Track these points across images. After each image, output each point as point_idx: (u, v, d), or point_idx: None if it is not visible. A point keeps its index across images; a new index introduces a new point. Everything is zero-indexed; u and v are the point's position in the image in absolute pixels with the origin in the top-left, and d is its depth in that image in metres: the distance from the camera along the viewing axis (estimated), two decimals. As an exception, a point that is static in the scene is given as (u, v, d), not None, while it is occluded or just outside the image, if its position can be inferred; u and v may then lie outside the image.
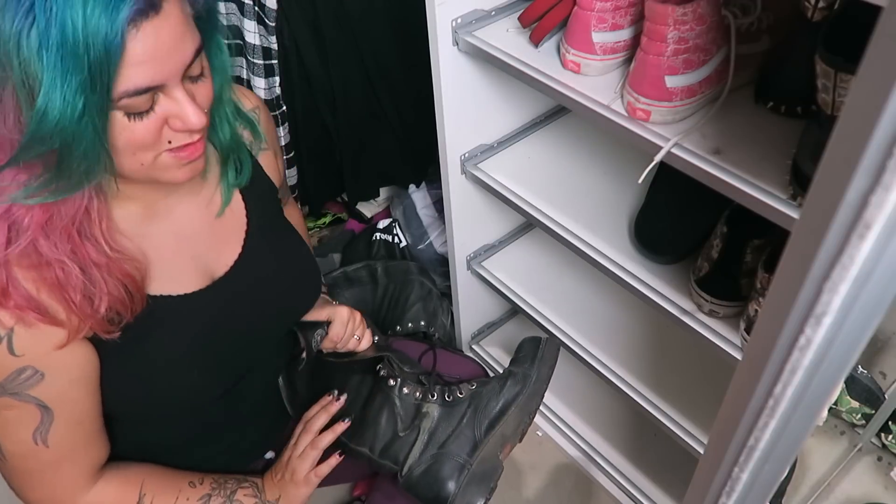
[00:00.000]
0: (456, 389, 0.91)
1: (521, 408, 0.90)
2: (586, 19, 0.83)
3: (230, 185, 0.79)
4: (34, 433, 0.69)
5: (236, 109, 0.79)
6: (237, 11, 1.23)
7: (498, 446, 0.89)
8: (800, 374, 0.35)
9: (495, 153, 1.18)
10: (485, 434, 0.88)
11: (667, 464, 1.34)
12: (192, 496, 0.81)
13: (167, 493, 0.79)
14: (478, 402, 0.90)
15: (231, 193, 0.80)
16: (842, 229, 0.29)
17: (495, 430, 0.88)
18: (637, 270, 0.97)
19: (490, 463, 0.88)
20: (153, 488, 0.79)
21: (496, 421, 0.88)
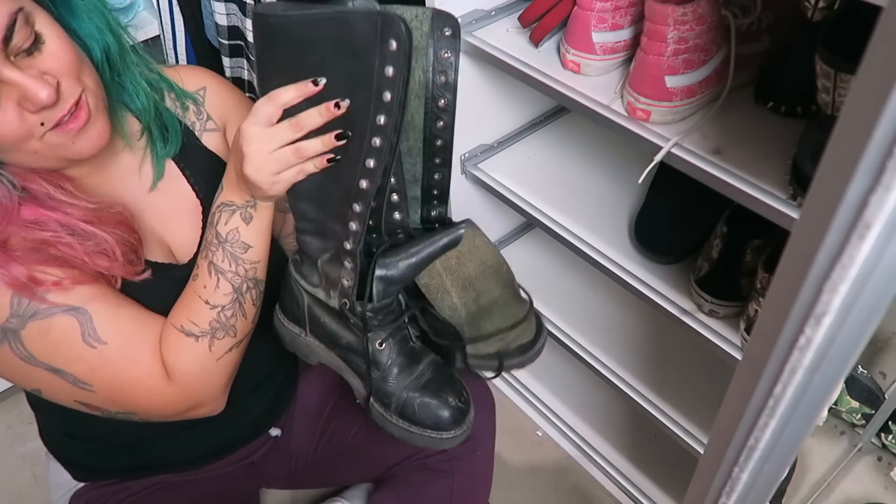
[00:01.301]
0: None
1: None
2: (586, 19, 0.83)
3: (159, 156, 0.77)
4: (84, 338, 0.67)
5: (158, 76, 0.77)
6: (238, 11, 1.23)
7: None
8: (800, 374, 0.35)
9: (495, 153, 1.18)
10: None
11: (667, 464, 1.34)
12: (206, 283, 0.72)
13: (191, 304, 0.73)
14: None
15: (162, 164, 0.77)
16: (842, 229, 0.29)
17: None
18: (637, 270, 0.97)
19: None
20: (180, 315, 0.73)
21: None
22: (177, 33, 1.33)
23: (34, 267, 0.65)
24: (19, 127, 0.60)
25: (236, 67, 1.32)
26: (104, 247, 0.67)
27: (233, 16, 1.25)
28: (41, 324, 0.65)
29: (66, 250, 0.65)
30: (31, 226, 0.64)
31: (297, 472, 1.07)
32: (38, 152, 0.63)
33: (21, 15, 0.58)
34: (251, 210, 0.71)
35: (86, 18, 0.66)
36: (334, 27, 0.54)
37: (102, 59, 0.68)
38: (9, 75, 0.58)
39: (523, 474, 1.43)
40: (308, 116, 0.61)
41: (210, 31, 1.31)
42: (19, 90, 0.59)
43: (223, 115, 0.85)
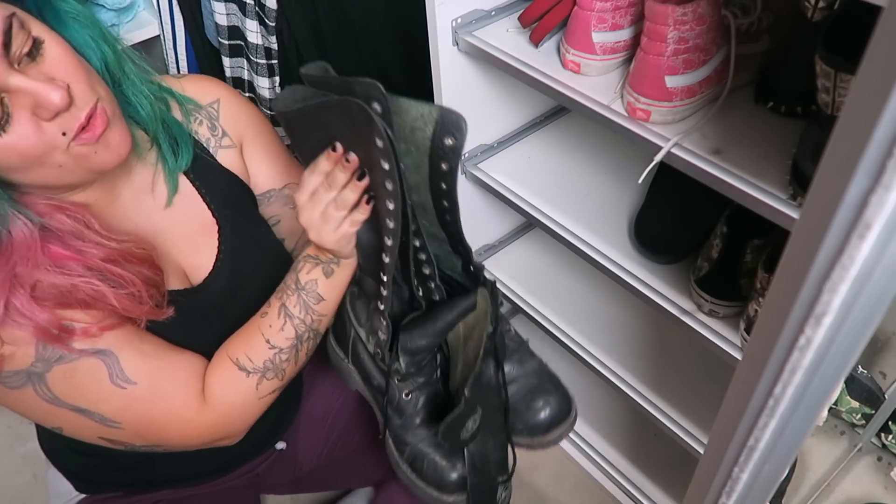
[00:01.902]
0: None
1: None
2: (586, 19, 0.83)
3: (171, 169, 0.75)
4: (112, 380, 0.67)
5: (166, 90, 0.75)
6: (238, 11, 1.23)
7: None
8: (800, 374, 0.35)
9: (495, 153, 1.18)
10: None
11: (667, 464, 1.34)
12: (273, 323, 0.74)
13: (252, 341, 0.74)
14: None
15: (175, 178, 0.76)
16: (842, 229, 0.29)
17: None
18: (637, 270, 0.97)
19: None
20: (238, 348, 0.75)
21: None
22: (177, 33, 1.33)
23: (61, 313, 0.64)
24: (39, 139, 0.58)
25: (236, 67, 1.32)
26: (132, 290, 0.67)
27: (233, 16, 1.25)
28: (67, 367, 0.65)
29: (96, 296, 0.65)
30: (58, 270, 0.63)
31: (300, 477, 1.07)
32: (62, 165, 0.61)
33: (15, 20, 0.56)
34: (333, 266, 0.74)
35: (77, 28, 0.64)
36: (337, 110, 0.61)
37: (103, 70, 0.67)
38: (16, 83, 0.56)
39: (523, 474, 1.43)
40: (335, 175, 0.67)
41: (210, 31, 1.31)
42: (30, 97, 0.56)
43: (239, 131, 0.83)
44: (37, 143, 0.58)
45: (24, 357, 0.63)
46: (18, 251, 0.61)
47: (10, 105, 0.56)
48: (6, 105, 0.56)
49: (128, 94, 0.70)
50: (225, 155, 0.81)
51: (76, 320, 0.65)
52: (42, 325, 0.62)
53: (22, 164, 0.59)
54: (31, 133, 0.57)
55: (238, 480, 0.99)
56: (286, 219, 0.89)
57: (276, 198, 0.87)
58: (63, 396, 0.66)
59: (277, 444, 1.01)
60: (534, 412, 0.81)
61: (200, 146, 0.79)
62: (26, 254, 0.61)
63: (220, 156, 0.81)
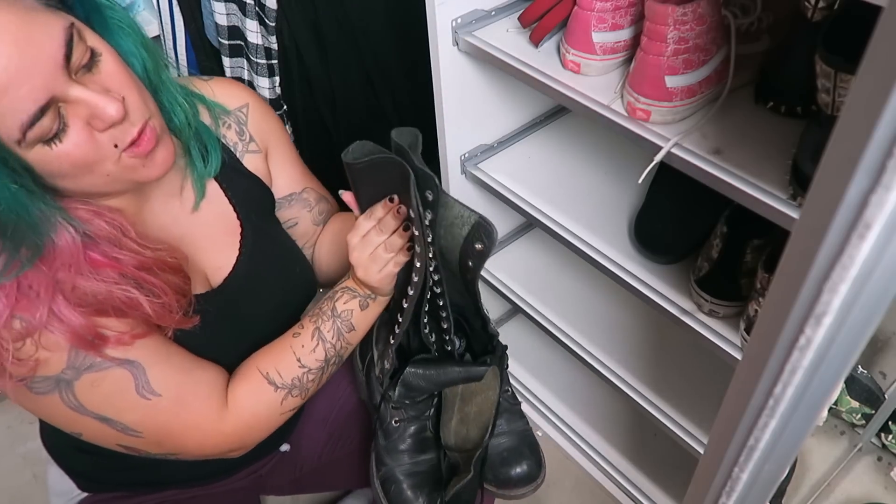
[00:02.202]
0: None
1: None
2: (586, 19, 0.83)
3: (200, 175, 0.76)
4: (138, 391, 0.68)
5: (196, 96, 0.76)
6: (238, 11, 1.23)
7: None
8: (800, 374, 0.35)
9: (495, 153, 1.18)
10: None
11: (667, 464, 1.34)
12: (305, 343, 0.78)
13: (283, 357, 0.78)
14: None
15: (203, 185, 0.77)
16: (842, 229, 0.29)
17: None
18: (637, 270, 0.97)
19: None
20: (268, 363, 0.78)
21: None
22: (177, 33, 1.33)
23: (97, 320, 0.64)
24: (91, 148, 0.59)
25: (236, 67, 1.32)
26: (164, 299, 0.68)
27: (233, 16, 1.25)
28: (95, 376, 0.65)
29: (131, 304, 0.65)
30: (96, 276, 0.64)
31: (300, 478, 1.07)
32: (110, 174, 0.62)
33: (74, 30, 0.57)
34: (370, 300, 0.80)
35: (123, 36, 0.65)
36: (394, 167, 0.72)
37: (144, 77, 0.67)
38: (76, 94, 0.56)
39: (523, 474, 1.43)
40: (388, 221, 0.75)
41: (210, 31, 1.31)
42: (87, 108, 0.57)
43: (264, 138, 0.84)
44: (89, 152, 0.59)
45: (57, 363, 0.64)
46: (62, 257, 0.62)
47: (67, 115, 0.57)
48: (63, 115, 0.57)
49: (163, 101, 0.70)
50: (251, 159, 0.83)
51: (110, 328, 0.66)
52: (78, 331, 0.63)
53: (72, 172, 0.60)
54: (84, 142, 0.58)
55: (242, 482, 0.99)
56: (304, 221, 0.92)
57: (295, 201, 0.90)
58: (88, 405, 0.67)
59: (282, 447, 1.01)
60: (508, 469, 0.89)
61: (228, 150, 0.80)
62: (69, 260, 0.62)
63: (245, 160, 0.82)
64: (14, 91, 0.53)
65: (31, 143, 0.56)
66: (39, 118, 0.55)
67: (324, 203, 0.94)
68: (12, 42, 0.52)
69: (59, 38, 0.55)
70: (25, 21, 0.53)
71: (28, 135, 0.55)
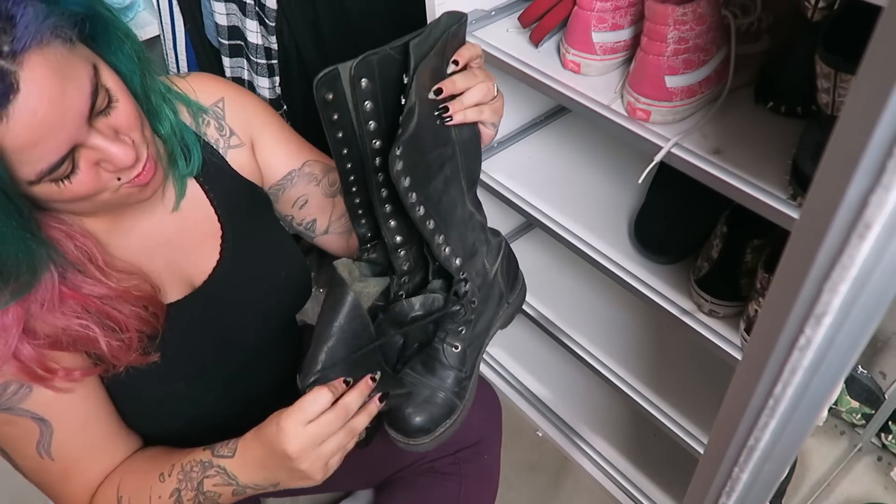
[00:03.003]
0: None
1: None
2: (586, 19, 0.83)
3: (182, 174, 0.75)
4: (37, 447, 0.69)
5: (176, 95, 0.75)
6: (238, 11, 1.23)
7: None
8: (800, 374, 0.35)
9: (495, 153, 1.18)
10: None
11: (667, 464, 1.34)
12: (163, 493, 0.71)
13: (141, 493, 0.72)
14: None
15: (184, 185, 0.76)
16: (842, 229, 0.29)
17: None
18: (637, 270, 0.97)
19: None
20: (128, 488, 0.73)
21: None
22: (177, 33, 1.33)
23: (49, 354, 0.65)
24: (95, 185, 0.60)
25: (236, 67, 1.32)
26: (124, 336, 0.67)
27: (233, 16, 1.25)
28: (10, 417, 0.66)
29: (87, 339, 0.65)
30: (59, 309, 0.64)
31: None
32: (105, 201, 0.63)
33: (96, 74, 0.57)
34: (248, 490, 0.70)
35: (123, 53, 0.65)
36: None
37: (141, 93, 0.67)
38: (94, 142, 0.58)
39: (523, 474, 1.43)
40: (352, 400, 0.65)
41: (210, 31, 1.31)
42: (101, 154, 0.59)
43: (246, 128, 0.82)
44: (91, 189, 0.60)
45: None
46: (40, 293, 0.62)
47: (80, 158, 0.58)
48: (76, 159, 0.58)
49: (153, 107, 0.70)
50: (235, 155, 0.81)
51: (59, 362, 0.66)
52: (27, 363, 0.63)
53: (71, 201, 0.61)
54: (90, 181, 0.60)
55: None
56: (314, 196, 0.86)
57: (298, 177, 0.86)
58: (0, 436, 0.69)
59: None
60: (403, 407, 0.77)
61: (210, 148, 0.78)
62: (44, 297, 0.62)
63: (229, 156, 0.80)
64: (42, 146, 0.54)
65: (43, 183, 0.57)
66: (59, 166, 0.56)
67: (333, 174, 0.88)
68: (48, 101, 0.53)
69: (87, 91, 0.56)
70: (60, 76, 0.54)
71: (43, 179, 0.56)
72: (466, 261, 0.74)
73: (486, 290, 0.79)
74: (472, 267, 0.75)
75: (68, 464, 0.71)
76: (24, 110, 0.52)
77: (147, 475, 0.73)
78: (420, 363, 0.78)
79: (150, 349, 0.71)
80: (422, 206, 0.65)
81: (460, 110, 0.65)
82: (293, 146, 0.86)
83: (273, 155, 0.84)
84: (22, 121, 0.52)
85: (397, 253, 0.72)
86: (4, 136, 0.52)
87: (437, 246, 0.69)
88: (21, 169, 0.54)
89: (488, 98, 0.67)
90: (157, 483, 0.71)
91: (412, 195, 0.63)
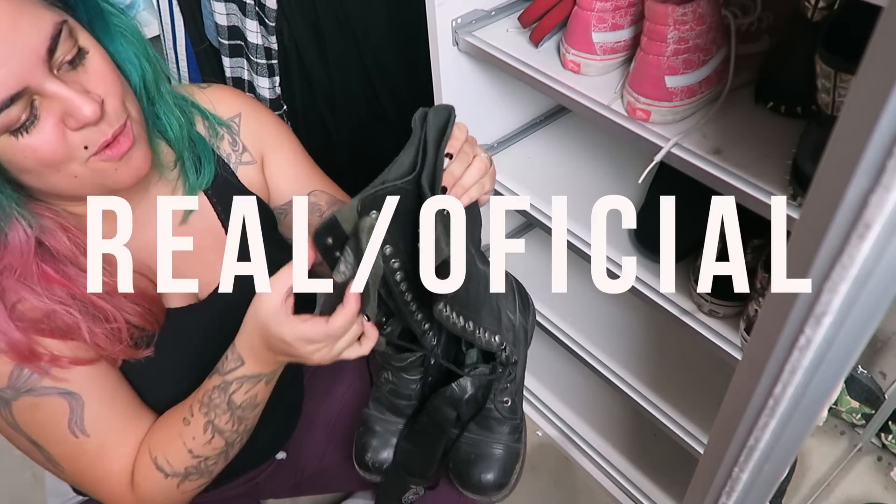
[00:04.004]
0: None
1: None
2: (586, 19, 0.83)
3: (192, 186, 0.74)
4: (70, 425, 0.66)
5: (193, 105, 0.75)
6: (238, 11, 1.23)
7: None
8: (800, 374, 0.35)
9: (495, 153, 1.18)
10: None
11: (667, 464, 1.34)
12: (195, 434, 0.69)
13: (172, 445, 0.70)
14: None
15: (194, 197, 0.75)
16: (842, 229, 0.29)
17: None
18: (637, 270, 0.97)
19: None
20: (159, 447, 0.71)
21: None
22: (177, 33, 1.33)
23: (35, 338, 0.63)
24: (59, 146, 0.57)
25: (236, 67, 1.32)
26: (112, 326, 0.65)
27: (233, 16, 1.25)
28: (33, 400, 0.65)
29: (71, 327, 0.64)
30: (42, 291, 0.62)
31: (300, 482, 1.06)
32: (78, 177, 0.60)
33: (65, 27, 0.56)
34: (278, 371, 0.69)
35: (123, 43, 0.64)
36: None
37: (140, 87, 0.66)
38: (52, 89, 0.55)
39: (523, 474, 1.43)
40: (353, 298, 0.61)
41: (210, 31, 1.31)
42: (62, 105, 0.56)
43: (259, 146, 0.81)
44: (56, 150, 0.58)
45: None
46: (11, 255, 0.60)
47: (40, 108, 0.56)
48: (36, 108, 0.56)
49: (160, 112, 0.69)
50: (245, 171, 0.80)
51: (51, 350, 0.64)
52: (15, 345, 0.62)
53: (37, 168, 0.58)
54: (53, 139, 0.57)
55: (239, 489, 0.98)
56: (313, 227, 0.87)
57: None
58: (23, 425, 0.66)
59: (278, 455, 1.01)
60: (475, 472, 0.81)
61: (221, 162, 0.78)
62: (17, 262, 0.60)
63: (240, 172, 0.80)
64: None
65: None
66: (8, 105, 0.53)
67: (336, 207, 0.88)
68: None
69: (45, 31, 0.54)
70: (15, 9, 0.53)
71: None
72: (501, 330, 0.76)
73: (515, 338, 0.81)
74: (504, 329, 0.77)
75: (104, 437, 0.69)
76: None
77: (170, 428, 0.71)
78: (476, 425, 0.82)
79: (141, 345, 0.70)
80: (459, 315, 0.67)
81: (464, 194, 0.66)
82: (302, 172, 0.85)
83: (281, 177, 0.84)
84: None
85: (426, 335, 0.74)
86: None
87: (477, 338, 0.71)
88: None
89: (485, 171, 0.68)
90: (184, 428, 0.69)
91: (452, 315, 0.66)
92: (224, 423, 0.69)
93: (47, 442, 0.67)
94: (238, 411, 0.69)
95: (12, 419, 0.66)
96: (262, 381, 0.68)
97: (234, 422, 0.70)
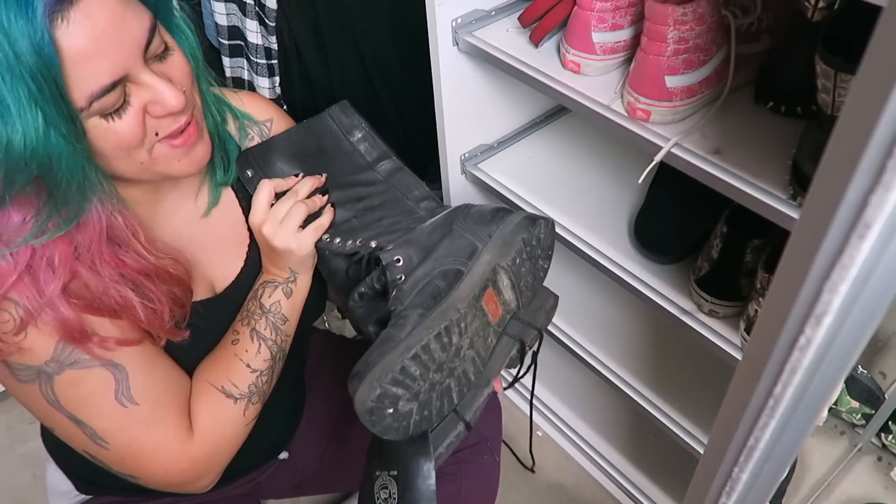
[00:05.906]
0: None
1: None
2: (586, 19, 0.83)
3: (217, 183, 0.77)
4: (116, 396, 0.67)
5: (225, 104, 0.77)
6: (238, 11, 1.23)
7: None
8: (800, 374, 0.35)
9: (495, 153, 1.18)
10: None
11: (667, 464, 1.34)
12: (248, 348, 0.75)
13: (232, 366, 0.75)
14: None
15: (218, 193, 0.78)
16: (842, 229, 0.29)
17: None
18: (637, 270, 0.97)
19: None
20: (219, 376, 0.75)
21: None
22: (177, 33, 1.33)
23: (87, 317, 0.64)
24: (139, 132, 0.61)
25: (236, 67, 1.32)
26: (158, 307, 0.68)
27: (233, 16, 1.25)
28: (77, 373, 0.65)
29: (124, 305, 0.65)
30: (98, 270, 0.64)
31: (301, 482, 1.07)
32: (143, 163, 0.63)
33: (154, 23, 0.60)
34: (292, 285, 0.78)
35: (182, 40, 0.67)
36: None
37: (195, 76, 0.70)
38: (146, 78, 0.59)
39: (523, 474, 1.43)
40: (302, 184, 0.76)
41: (210, 31, 1.31)
42: (151, 93, 0.60)
43: None
44: (136, 135, 0.61)
45: (41, 354, 0.63)
46: (83, 235, 0.62)
47: (131, 95, 0.59)
48: (128, 94, 0.59)
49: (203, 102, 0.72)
50: None
51: (99, 329, 0.65)
52: (66, 323, 0.62)
53: (112, 151, 0.61)
54: (135, 124, 0.60)
55: (240, 489, 0.99)
56: None
57: None
58: (64, 402, 0.66)
59: (280, 455, 1.01)
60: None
61: None
62: (90, 241, 0.62)
63: None
64: (97, 61, 0.55)
65: (93, 113, 0.57)
66: (109, 91, 0.57)
67: None
68: (109, 17, 0.55)
69: (145, 25, 0.59)
70: (122, 3, 0.57)
71: (93, 105, 0.56)
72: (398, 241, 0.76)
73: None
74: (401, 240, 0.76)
75: (155, 402, 0.69)
76: (86, 16, 0.53)
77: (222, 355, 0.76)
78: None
79: (182, 324, 0.72)
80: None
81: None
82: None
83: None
84: (82, 26, 0.53)
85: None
86: (62, 38, 0.53)
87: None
88: (74, 88, 0.55)
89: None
90: (234, 347, 0.76)
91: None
92: (263, 329, 0.76)
93: (91, 416, 0.67)
94: (269, 316, 0.77)
95: (53, 396, 0.65)
96: (279, 287, 0.77)
97: (270, 328, 0.77)
